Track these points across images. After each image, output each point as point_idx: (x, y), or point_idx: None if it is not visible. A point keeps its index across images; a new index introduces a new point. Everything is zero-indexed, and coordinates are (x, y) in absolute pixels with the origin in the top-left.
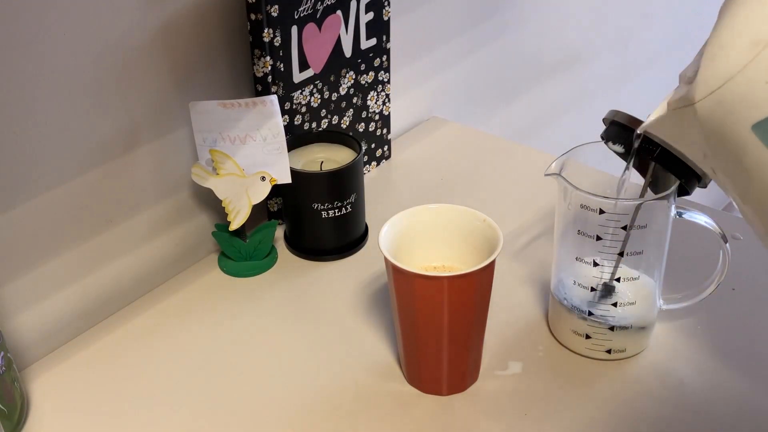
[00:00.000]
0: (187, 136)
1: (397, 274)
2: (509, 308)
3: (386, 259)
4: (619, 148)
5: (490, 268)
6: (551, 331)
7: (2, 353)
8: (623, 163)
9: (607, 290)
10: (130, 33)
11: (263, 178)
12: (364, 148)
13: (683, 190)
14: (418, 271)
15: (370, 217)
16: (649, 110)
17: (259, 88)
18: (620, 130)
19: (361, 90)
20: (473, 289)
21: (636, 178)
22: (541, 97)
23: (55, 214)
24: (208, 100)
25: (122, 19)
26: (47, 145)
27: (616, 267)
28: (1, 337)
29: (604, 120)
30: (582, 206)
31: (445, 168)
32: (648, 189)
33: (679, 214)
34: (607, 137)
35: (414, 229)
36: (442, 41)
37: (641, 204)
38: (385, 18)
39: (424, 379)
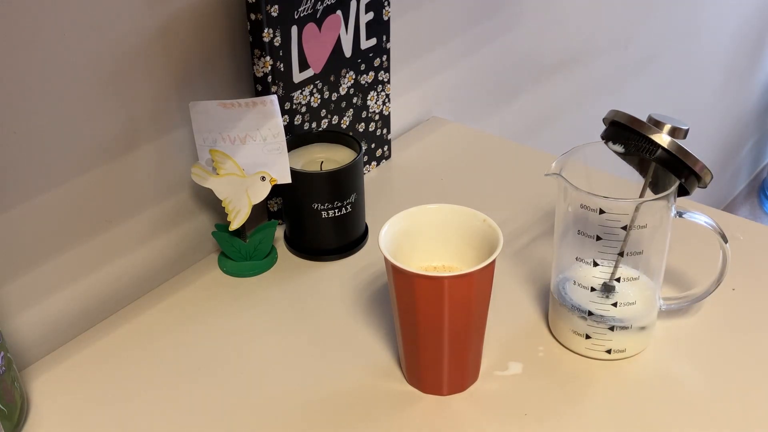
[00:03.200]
0: (187, 136)
1: (397, 274)
2: (509, 308)
3: (386, 259)
4: (619, 148)
5: (490, 268)
6: (551, 331)
7: (2, 353)
8: (623, 163)
9: (607, 290)
10: (130, 33)
11: (263, 178)
12: (364, 148)
13: (683, 190)
14: (418, 271)
15: (370, 217)
16: (649, 110)
17: (259, 88)
18: (620, 130)
19: (361, 90)
20: (473, 289)
21: (636, 178)
22: (541, 97)
23: (55, 214)
24: (208, 100)
25: (122, 18)
26: (47, 145)
27: (616, 267)
28: (1, 337)
29: (604, 120)
30: (582, 206)
31: (445, 168)
32: (648, 189)
33: (679, 214)
34: (607, 137)
35: (414, 229)
36: (442, 41)
37: (641, 204)
38: (385, 18)
39: (424, 379)
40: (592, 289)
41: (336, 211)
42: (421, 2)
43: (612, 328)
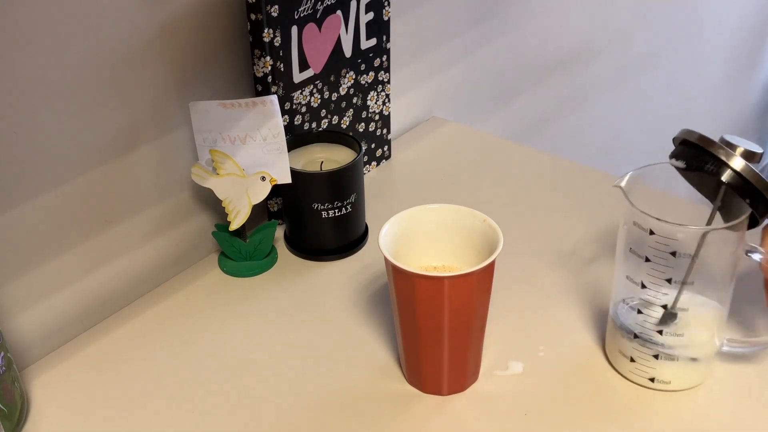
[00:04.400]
0: (187, 136)
1: (397, 274)
2: (509, 308)
3: (386, 259)
4: (681, 164)
5: (490, 268)
6: (604, 350)
7: (2, 353)
8: (690, 187)
9: (668, 317)
10: (130, 33)
11: (263, 178)
12: (364, 148)
13: (753, 221)
14: (418, 271)
15: (370, 217)
16: (649, 110)
17: (259, 88)
18: (690, 150)
19: (361, 90)
20: (473, 289)
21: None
22: (541, 97)
23: (55, 214)
24: (208, 100)
25: (123, 19)
26: (47, 145)
27: (679, 295)
28: (1, 337)
29: (674, 140)
30: (635, 224)
31: (445, 168)
32: (717, 214)
33: (747, 253)
34: (676, 157)
35: (414, 229)
36: (442, 41)
37: (707, 233)
38: (385, 18)
39: (424, 379)
40: (639, 312)
41: (336, 211)
42: (421, 2)
43: (656, 356)
